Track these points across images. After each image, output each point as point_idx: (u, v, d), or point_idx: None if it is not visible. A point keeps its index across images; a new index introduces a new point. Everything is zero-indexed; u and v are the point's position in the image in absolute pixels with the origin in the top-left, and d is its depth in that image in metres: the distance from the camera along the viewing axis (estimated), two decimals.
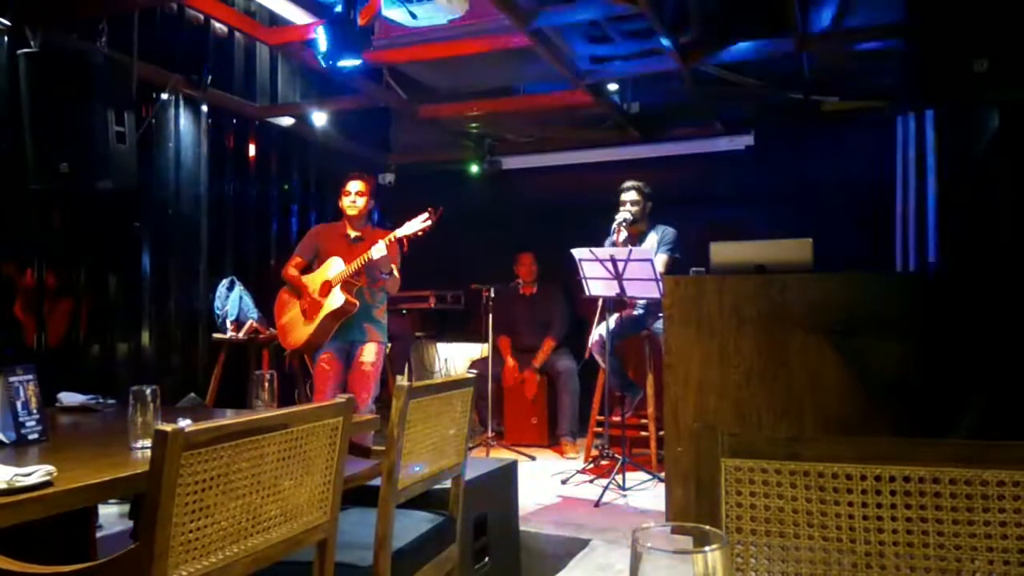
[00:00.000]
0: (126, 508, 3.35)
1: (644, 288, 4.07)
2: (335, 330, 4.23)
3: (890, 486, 0.99)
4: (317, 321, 4.19)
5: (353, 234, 4.36)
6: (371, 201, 4.38)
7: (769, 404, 3.14)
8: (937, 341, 2.96)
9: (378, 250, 4.03)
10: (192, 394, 4.35)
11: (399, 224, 4.14)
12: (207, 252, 5.10)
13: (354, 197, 4.34)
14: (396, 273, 4.22)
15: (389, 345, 4.71)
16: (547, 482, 4.35)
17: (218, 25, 4.99)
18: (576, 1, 3.78)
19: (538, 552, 3.35)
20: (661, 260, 4.47)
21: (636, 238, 4.64)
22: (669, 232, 4.63)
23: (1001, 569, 0.94)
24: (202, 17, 4.85)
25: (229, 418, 1.41)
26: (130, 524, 3.12)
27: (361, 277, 4.21)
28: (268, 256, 5.68)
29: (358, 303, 4.19)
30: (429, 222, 4.03)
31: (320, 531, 1.66)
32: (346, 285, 4.17)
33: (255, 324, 4.84)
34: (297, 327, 4.31)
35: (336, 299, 4.15)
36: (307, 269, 4.40)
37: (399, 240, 4.11)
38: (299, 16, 4.53)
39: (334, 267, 4.23)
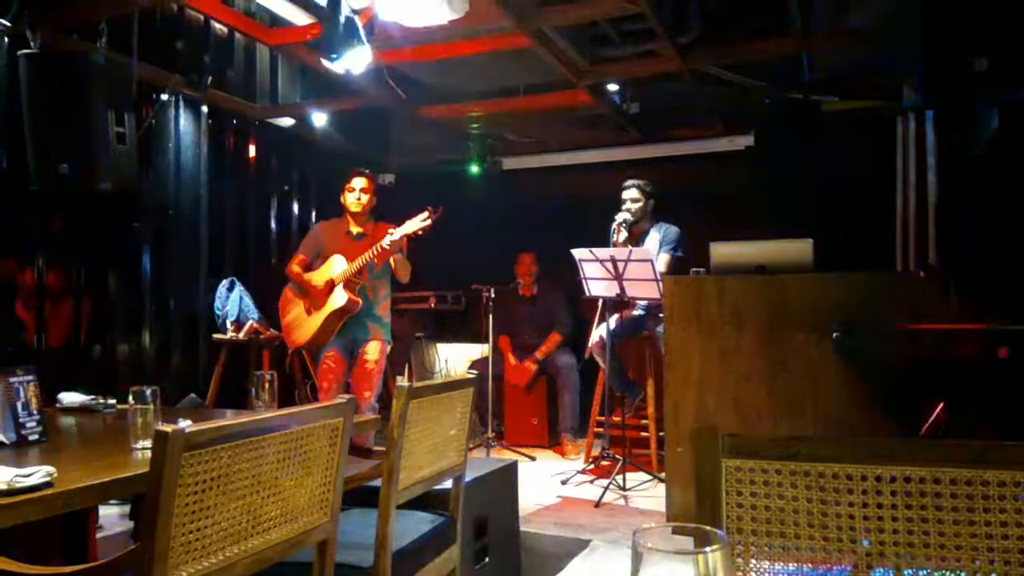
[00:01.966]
0: (127, 509, 3.35)
1: (644, 288, 4.07)
2: (339, 328, 4.24)
3: (890, 486, 0.99)
4: (320, 319, 4.20)
5: (355, 231, 4.37)
6: (374, 198, 4.39)
7: (769, 404, 3.15)
8: (938, 342, 2.96)
9: (383, 245, 4.07)
10: (192, 395, 4.34)
11: (399, 224, 4.14)
12: (207, 253, 5.10)
13: (358, 194, 4.34)
14: (404, 256, 4.21)
15: (390, 344, 4.71)
16: (547, 482, 4.35)
17: (218, 26, 4.99)
18: (577, 2, 3.78)
19: (539, 553, 3.35)
20: (663, 260, 4.47)
21: (638, 237, 4.64)
22: (672, 231, 4.63)
23: (1002, 570, 0.94)
24: (202, 18, 4.85)
25: (229, 419, 1.41)
26: (131, 525, 3.12)
27: (363, 275, 4.22)
28: (268, 257, 5.68)
29: (361, 301, 4.20)
30: (429, 221, 4.03)
31: (321, 532, 1.66)
32: (349, 283, 4.17)
33: (255, 324, 4.84)
34: (301, 325, 4.33)
35: (339, 298, 4.16)
36: (310, 267, 4.41)
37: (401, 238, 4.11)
38: (299, 17, 4.53)
39: (337, 265, 4.24)
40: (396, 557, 1.96)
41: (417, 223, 4.05)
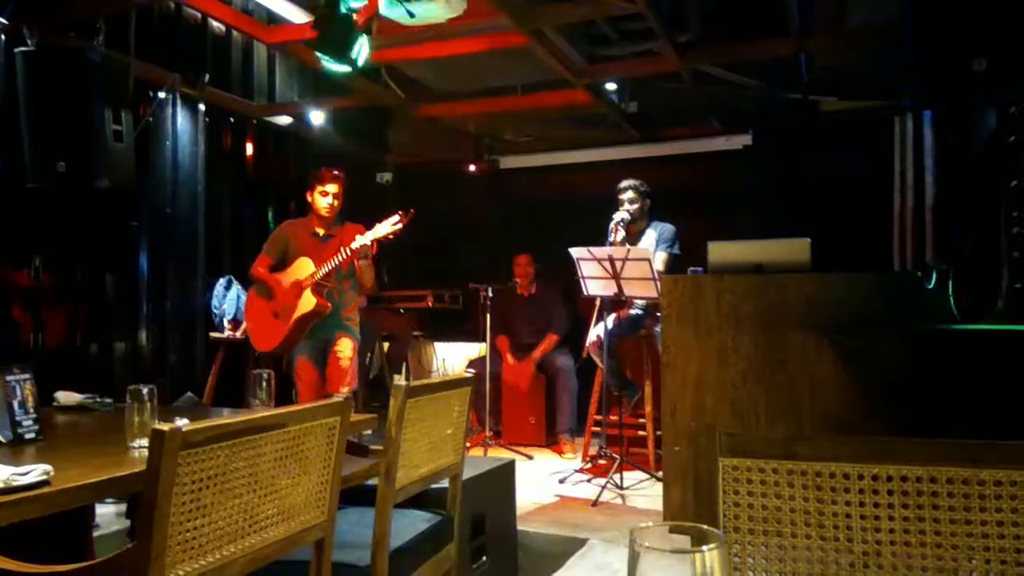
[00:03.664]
0: (123, 507, 3.35)
1: (642, 288, 4.07)
2: (307, 332, 4.20)
3: (887, 485, 0.99)
4: (288, 324, 4.15)
5: (322, 232, 4.31)
6: (344, 200, 4.33)
7: (767, 404, 3.14)
8: (935, 341, 2.96)
9: (347, 251, 4.00)
10: (189, 393, 4.33)
11: (369, 226, 4.08)
12: (204, 251, 5.09)
13: (331, 199, 4.26)
14: (368, 265, 4.14)
15: (387, 344, 4.69)
16: (545, 481, 4.35)
17: (216, 24, 4.98)
18: (575, 1, 3.78)
19: (536, 551, 3.35)
20: (660, 258, 4.48)
21: (635, 236, 4.65)
22: (668, 229, 4.63)
23: (998, 569, 0.94)
24: (200, 16, 4.85)
25: (226, 417, 1.41)
26: (127, 523, 3.12)
27: (331, 279, 4.16)
28: None
29: (330, 305, 4.15)
30: (400, 225, 3.94)
31: (317, 530, 1.66)
32: (316, 287, 4.11)
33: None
34: (268, 329, 4.26)
35: (307, 302, 4.10)
36: (274, 268, 4.34)
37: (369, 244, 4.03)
38: (297, 15, 4.53)
39: (304, 268, 4.16)
40: (393, 556, 1.96)
41: (387, 227, 3.95)
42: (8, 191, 3.75)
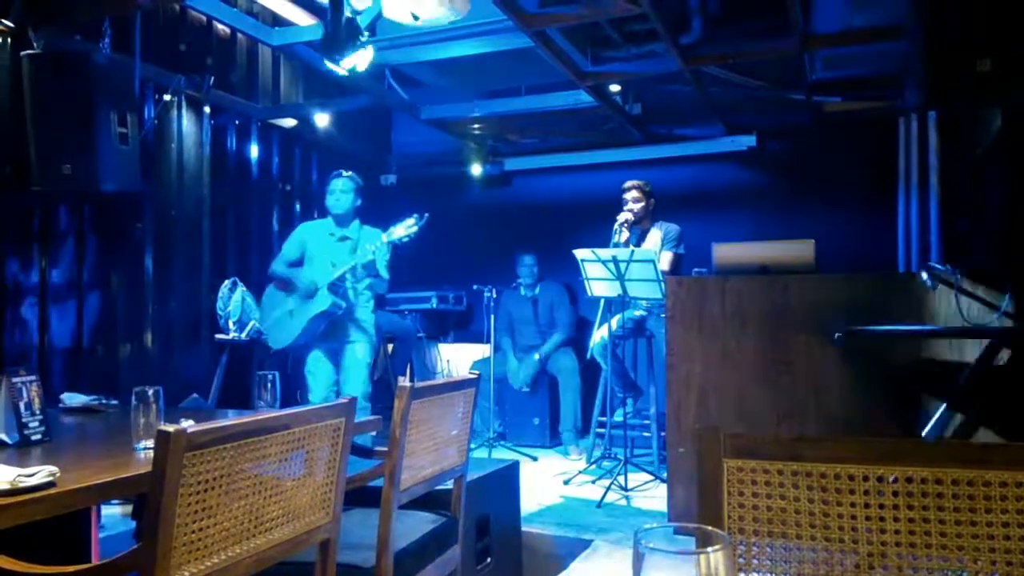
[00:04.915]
0: (129, 508, 3.36)
1: (646, 289, 4.07)
2: (322, 330, 4.23)
3: (892, 487, 0.99)
4: (304, 322, 4.19)
5: (339, 233, 4.36)
6: (357, 199, 4.37)
7: (771, 405, 3.14)
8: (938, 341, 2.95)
9: (366, 255, 4.05)
10: (195, 395, 4.34)
11: (384, 227, 4.12)
12: (210, 253, 5.10)
13: (338, 195, 4.33)
14: (384, 274, 4.21)
15: (391, 345, 4.70)
16: (549, 482, 4.35)
17: (220, 26, 4.99)
18: (578, 2, 3.78)
19: (540, 553, 3.35)
20: (666, 258, 4.48)
21: (639, 236, 4.65)
22: (672, 229, 4.64)
23: (1004, 570, 0.94)
24: (204, 18, 4.86)
25: (231, 419, 1.41)
26: (133, 524, 3.12)
27: (345, 280, 4.20)
28: (270, 257, 5.67)
29: (345, 305, 4.18)
30: (415, 228, 4.00)
31: (322, 532, 1.66)
32: (332, 287, 4.16)
33: (257, 325, 4.84)
34: (284, 327, 4.30)
35: (323, 301, 4.14)
36: (292, 267, 4.39)
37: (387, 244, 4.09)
38: (301, 17, 4.54)
39: (320, 268, 4.21)
40: (398, 557, 1.96)
41: (402, 229, 4.01)
42: (14, 193, 3.76)
